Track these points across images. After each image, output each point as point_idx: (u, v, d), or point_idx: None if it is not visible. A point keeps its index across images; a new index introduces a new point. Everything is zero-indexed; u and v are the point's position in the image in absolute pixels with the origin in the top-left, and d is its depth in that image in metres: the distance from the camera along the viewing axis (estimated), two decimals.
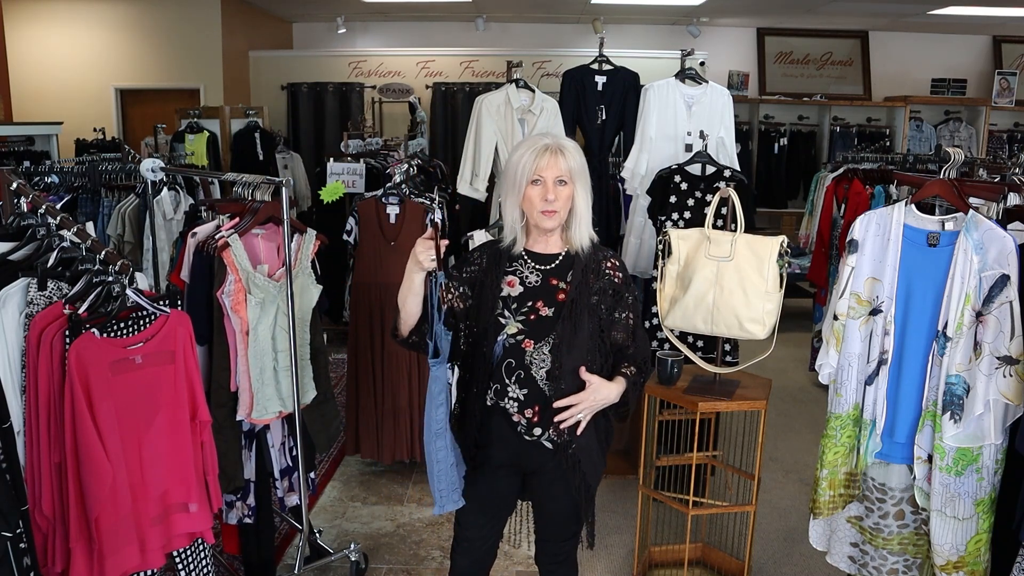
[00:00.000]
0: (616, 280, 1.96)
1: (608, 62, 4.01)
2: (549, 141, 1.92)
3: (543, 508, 2.08)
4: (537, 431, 1.92)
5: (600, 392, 1.88)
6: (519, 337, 1.89)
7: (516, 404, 1.90)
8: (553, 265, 1.97)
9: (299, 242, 2.62)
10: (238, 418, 2.48)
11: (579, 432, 1.90)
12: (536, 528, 2.15)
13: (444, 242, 1.82)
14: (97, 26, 7.15)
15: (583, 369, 1.89)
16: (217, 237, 2.42)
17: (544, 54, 7.87)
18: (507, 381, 1.90)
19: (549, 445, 1.93)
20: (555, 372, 1.88)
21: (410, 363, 3.51)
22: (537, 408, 1.91)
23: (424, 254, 1.81)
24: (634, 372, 1.96)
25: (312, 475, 2.88)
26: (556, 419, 1.86)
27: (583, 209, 1.95)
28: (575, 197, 1.93)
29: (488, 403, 1.93)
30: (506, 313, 1.92)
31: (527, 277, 1.95)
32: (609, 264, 1.98)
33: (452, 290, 1.94)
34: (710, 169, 3.31)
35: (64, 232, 1.93)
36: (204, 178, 4.17)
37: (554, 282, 1.94)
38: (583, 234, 1.96)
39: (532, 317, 1.91)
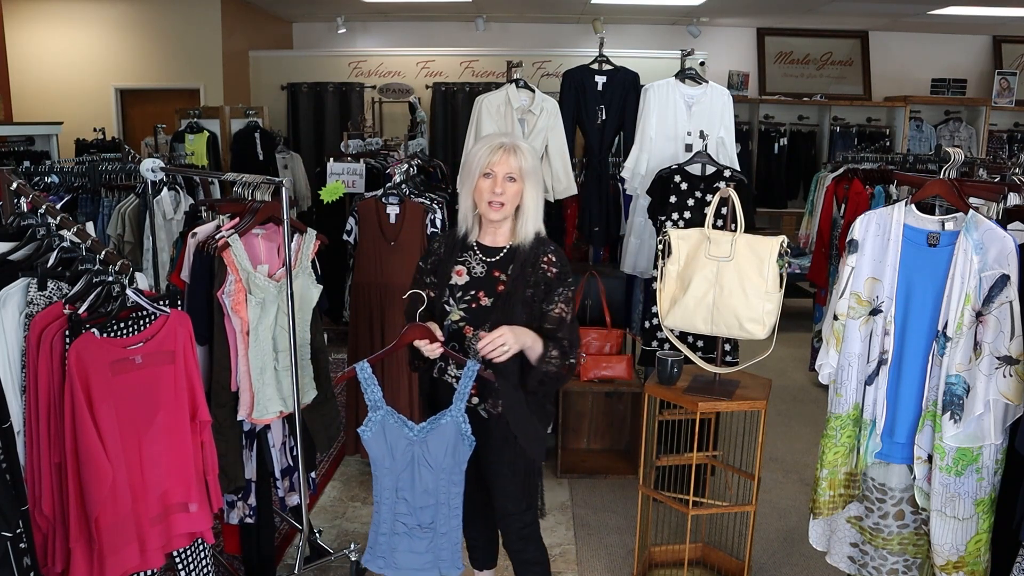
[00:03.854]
0: (549, 275, 2.10)
1: (608, 62, 4.01)
2: (506, 140, 2.09)
3: (492, 483, 2.21)
4: (475, 400, 2.13)
5: (518, 330, 1.99)
6: (460, 324, 2.11)
7: (455, 380, 2.13)
8: (498, 258, 2.13)
9: (299, 242, 2.62)
10: (239, 418, 2.48)
11: (502, 358, 1.96)
12: (495, 508, 2.25)
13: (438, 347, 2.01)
14: (97, 26, 7.15)
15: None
16: (217, 237, 2.42)
17: (544, 54, 7.86)
18: (449, 361, 2.13)
19: (484, 415, 2.13)
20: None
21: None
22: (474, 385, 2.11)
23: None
24: (555, 349, 2.05)
25: (312, 475, 2.88)
26: (479, 345, 1.97)
27: (531, 206, 2.11)
28: (524, 194, 2.09)
29: (435, 375, 2.20)
30: (451, 301, 2.12)
31: (474, 268, 2.13)
32: (546, 259, 2.11)
33: (426, 280, 2.18)
34: (710, 169, 3.31)
35: (64, 232, 1.93)
36: (204, 178, 4.17)
37: (496, 274, 2.11)
38: (529, 229, 2.12)
39: (473, 306, 2.10)
